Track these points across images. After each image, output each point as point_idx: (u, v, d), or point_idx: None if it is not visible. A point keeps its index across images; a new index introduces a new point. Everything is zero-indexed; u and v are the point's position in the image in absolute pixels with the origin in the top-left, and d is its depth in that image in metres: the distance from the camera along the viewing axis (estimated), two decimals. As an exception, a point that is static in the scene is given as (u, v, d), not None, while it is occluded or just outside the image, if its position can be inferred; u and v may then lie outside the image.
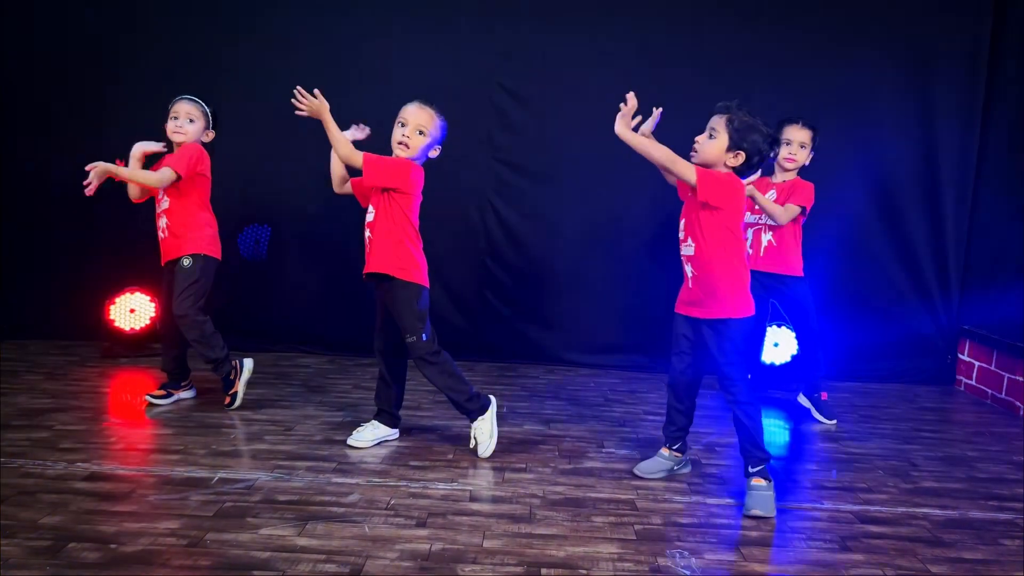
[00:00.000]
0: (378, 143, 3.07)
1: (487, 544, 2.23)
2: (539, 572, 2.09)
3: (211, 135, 3.37)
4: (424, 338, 2.86)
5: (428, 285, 2.91)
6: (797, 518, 2.54)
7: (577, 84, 4.32)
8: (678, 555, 2.22)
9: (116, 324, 4.20)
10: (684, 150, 2.63)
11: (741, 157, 2.54)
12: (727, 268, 2.58)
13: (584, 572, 2.11)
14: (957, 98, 4.37)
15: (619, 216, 4.44)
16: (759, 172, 3.35)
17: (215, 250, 3.32)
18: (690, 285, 2.66)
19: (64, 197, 4.32)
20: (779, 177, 3.59)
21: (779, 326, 4.20)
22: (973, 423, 3.84)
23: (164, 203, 3.29)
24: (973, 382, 4.42)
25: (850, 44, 4.33)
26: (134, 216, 4.22)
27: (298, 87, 2.78)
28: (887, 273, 4.51)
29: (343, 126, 4.32)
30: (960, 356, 4.56)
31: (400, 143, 2.85)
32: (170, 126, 3.29)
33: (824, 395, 3.69)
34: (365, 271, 2.90)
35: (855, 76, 4.35)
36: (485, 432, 2.95)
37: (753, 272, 3.56)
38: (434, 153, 2.92)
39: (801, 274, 3.57)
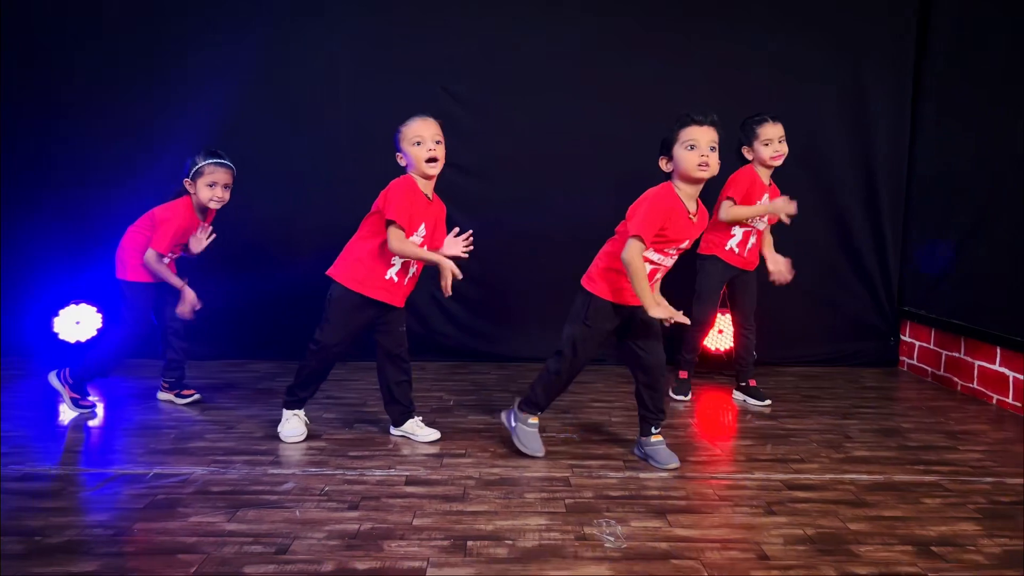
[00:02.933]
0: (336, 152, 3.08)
1: (417, 522, 2.26)
2: (465, 545, 2.12)
3: None
4: None
5: None
6: (727, 488, 2.60)
7: (521, 86, 4.40)
8: (604, 524, 2.26)
9: (61, 336, 4.18)
10: (636, 147, 2.68)
11: None
12: None
13: (510, 542, 2.14)
14: (888, 83, 4.51)
15: (565, 216, 4.50)
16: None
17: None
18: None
19: (3, 210, 4.32)
20: (766, 178, 3.62)
21: (722, 314, 4.28)
22: (912, 399, 3.93)
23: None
24: (915, 361, 4.52)
25: (785, 36, 4.46)
26: (79, 228, 4.26)
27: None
28: (827, 259, 4.61)
29: (289, 137, 4.39)
30: (903, 337, 4.67)
31: (430, 160, 2.85)
32: (207, 193, 3.23)
33: (752, 382, 3.75)
34: (391, 303, 2.96)
35: (789, 66, 4.47)
36: (415, 426, 3.03)
37: (732, 266, 3.64)
38: None
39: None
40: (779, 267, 3.56)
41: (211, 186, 3.25)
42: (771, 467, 2.81)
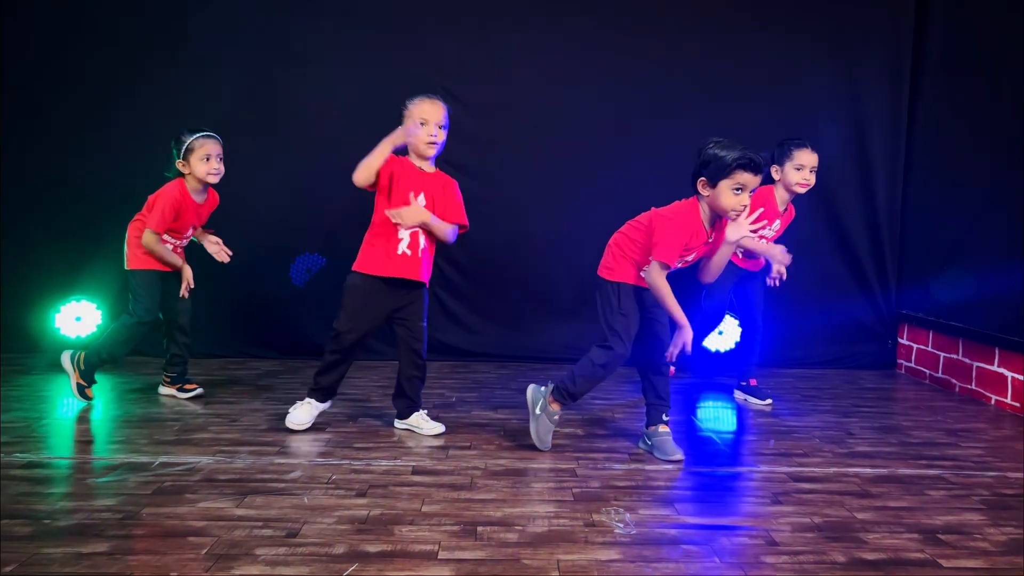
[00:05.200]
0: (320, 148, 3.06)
1: (425, 509, 2.26)
2: (475, 530, 2.12)
3: None
4: None
5: None
6: (732, 479, 2.61)
7: (524, 87, 4.44)
8: (613, 512, 2.27)
9: (63, 332, 4.17)
10: (637, 151, 2.67)
11: None
12: None
13: (520, 528, 2.14)
14: (884, 90, 4.57)
15: (565, 217, 4.53)
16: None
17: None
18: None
19: (5, 208, 4.31)
20: (783, 206, 3.57)
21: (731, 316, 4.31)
22: (911, 400, 3.96)
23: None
24: (912, 364, 4.55)
25: (782, 42, 4.51)
26: (78, 225, 4.25)
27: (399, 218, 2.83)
28: (826, 264, 4.65)
29: (289, 137, 4.40)
30: (900, 340, 4.70)
31: (431, 143, 2.86)
32: (203, 168, 3.25)
33: (753, 381, 3.77)
34: (412, 276, 2.92)
35: (787, 73, 4.52)
36: (420, 419, 3.04)
37: (739, 267, 3.63)
38: None
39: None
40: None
41: (206, 159, 3.26)
42: (775, 460, 2.82)
